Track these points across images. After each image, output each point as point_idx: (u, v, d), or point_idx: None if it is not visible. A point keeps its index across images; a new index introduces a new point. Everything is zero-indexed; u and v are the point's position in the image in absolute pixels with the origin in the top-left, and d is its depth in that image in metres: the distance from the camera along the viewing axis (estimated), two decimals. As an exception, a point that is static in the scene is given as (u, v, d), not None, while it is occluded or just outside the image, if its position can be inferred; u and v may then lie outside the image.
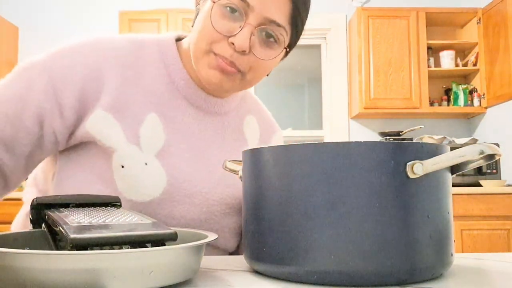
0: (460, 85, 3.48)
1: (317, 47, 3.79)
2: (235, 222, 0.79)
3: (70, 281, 0.38)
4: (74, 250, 0.41)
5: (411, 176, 0.45)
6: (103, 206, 0.59)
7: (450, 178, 0.51)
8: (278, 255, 0.47)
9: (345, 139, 3.58)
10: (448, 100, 3.54)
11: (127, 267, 0.40)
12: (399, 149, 0.46)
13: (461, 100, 3.44)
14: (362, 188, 0.45)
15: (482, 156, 0.45)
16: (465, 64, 3.52)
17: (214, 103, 0.79)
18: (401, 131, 3.36)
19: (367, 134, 3.64)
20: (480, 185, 2.98)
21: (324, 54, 3.77)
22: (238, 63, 0.70)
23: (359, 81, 3.37)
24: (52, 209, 0.55)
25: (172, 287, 0.44)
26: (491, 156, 0.46)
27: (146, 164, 0.70)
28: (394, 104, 3.32)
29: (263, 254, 0.49)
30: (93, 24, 3.65)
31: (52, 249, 0.53)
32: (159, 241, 0.45)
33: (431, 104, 3.46)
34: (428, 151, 0.47)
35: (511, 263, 0.59)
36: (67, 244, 0.41)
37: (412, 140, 3.22)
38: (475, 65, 3.42)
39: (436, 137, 3.20)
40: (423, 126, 3.43)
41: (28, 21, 3.66)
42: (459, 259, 0.61)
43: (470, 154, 0.45)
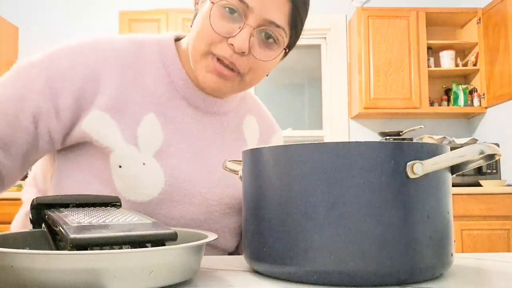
0: (460, 85, 3.48)
1: (317, 47, 3.79)
2: (235, 222, 0.79)
3: (70, 281, 0.38)
4: (74, 250, 0.41)
5: (411, 176, 0.45)
6: (103, 206, 0.59)
7: (450, 178, 0.51)
8: (278, 255, 0.47)
9: (345, 139, 3.58)
10: (448, 100, 3.54)
11: (127, 267, 0.40)
12: (399, 149, 0.46)
13: (461, 100, 3.44)
14: (362, 188, 0.45)
15: (482, 156, 0.45)
16: (465, 64, 3.52)
17: (213, 103, 0.79)
18: (401, 131, 3.36)
19: (367, 134, 3.64)
20: (480, 185, 2.98)
21: (324, 54, 3.77)
22: (237, 64, 0.70)
23: (359, 81, 3.37)
24: (52, 209, 0.55)
25: (172, 287, 0.44)
26: (491, 156, 0.46)
27: (144, 164, 0.70)
28: (394, 104, 3.32)
29: (263, 254, 0.49)
30: (93, 24, 3.65)
31: (52, 249, 0.53)
32: (159, 241, 0.45)
33: (431, 104, 3.46)
34: (428, 151, 0.47)
35: (511, 263, 0.59)
36: (67, 244, 0.41)
37: (412, 140, 3.22)
38: (475, 65, 3.42)
39: (436, 137, 3.20)
40: (423, 126, 3.43)
41: (28, 21, 3.66)
42: (459, 259, 0.61)
43: (470, 154, 0.45)
